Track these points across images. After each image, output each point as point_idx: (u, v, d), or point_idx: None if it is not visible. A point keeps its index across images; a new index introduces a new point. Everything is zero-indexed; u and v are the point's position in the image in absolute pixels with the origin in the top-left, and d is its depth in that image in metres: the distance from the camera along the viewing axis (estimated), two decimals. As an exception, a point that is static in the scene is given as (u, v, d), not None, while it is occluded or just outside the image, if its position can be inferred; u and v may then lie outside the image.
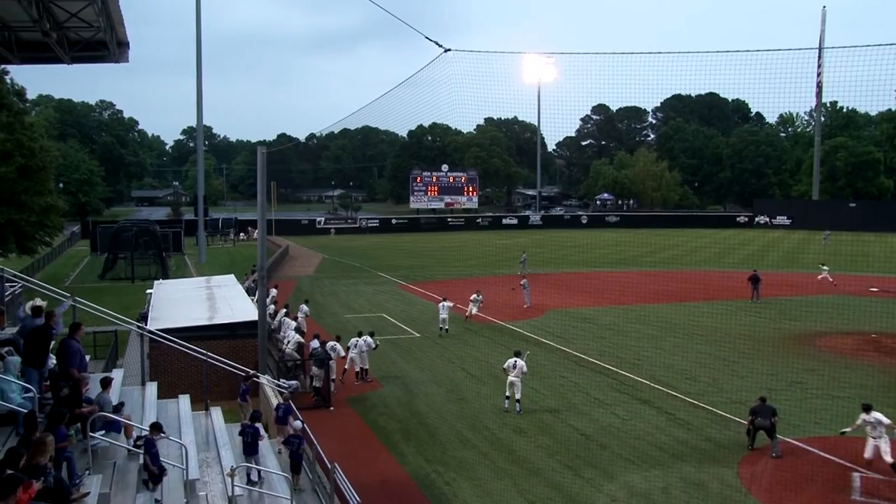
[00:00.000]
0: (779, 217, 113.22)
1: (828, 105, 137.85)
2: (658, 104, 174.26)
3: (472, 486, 16.86)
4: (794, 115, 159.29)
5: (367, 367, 26.23)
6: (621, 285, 50.07)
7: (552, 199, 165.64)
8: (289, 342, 26.47)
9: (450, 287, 47.55)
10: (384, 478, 17.38)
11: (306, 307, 32.96)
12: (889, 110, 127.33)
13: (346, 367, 26.05)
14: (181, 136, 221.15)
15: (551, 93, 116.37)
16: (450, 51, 14.62)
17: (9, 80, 50.82)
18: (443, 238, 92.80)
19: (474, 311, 36.39)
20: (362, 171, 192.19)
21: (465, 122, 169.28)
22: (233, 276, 38.00)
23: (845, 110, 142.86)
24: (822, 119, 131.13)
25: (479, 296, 36.83)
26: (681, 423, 21.29)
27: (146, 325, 23.27)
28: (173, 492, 12.20)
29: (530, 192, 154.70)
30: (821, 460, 18.41)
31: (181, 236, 76.84)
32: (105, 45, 15.57)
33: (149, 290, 34.07)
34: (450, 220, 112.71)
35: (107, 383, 13.35)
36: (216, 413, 17.23)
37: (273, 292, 34.91)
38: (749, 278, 44.45)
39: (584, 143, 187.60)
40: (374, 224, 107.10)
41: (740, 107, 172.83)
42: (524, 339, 32.34)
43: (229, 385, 21.12)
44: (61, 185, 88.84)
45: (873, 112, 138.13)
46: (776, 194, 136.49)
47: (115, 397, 13.74)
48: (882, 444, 16.95)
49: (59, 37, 14.92)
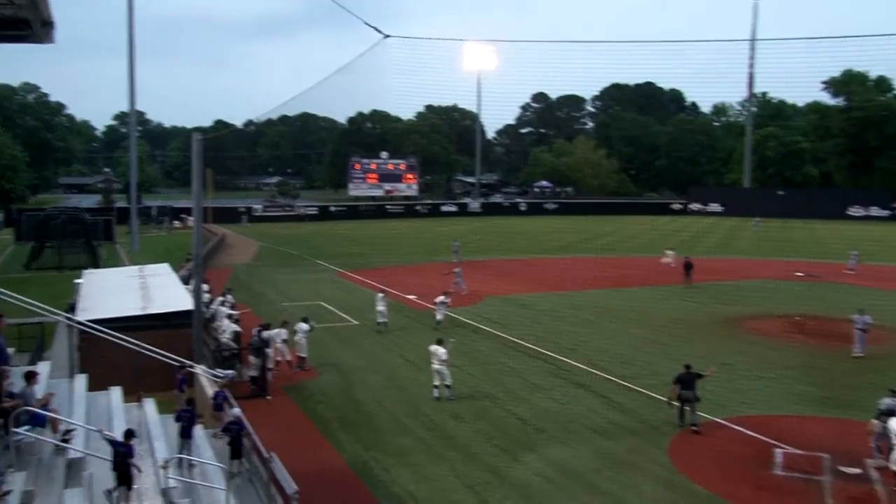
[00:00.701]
0: (712, 204, 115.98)
1: (759, 95, 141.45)
2: (597, 92, 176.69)
3: (410, 471, 16.95)
4: (728, 104, 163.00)
5: (306, 356, 26.08)
6: (559, 272, 50.80)
7: (492, 186, 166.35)
8: (224, 331, 26.12)
9: (389, 275, 47.51)
10: (322, 466, 17.35)
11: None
12: (815, 101, 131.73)
13: (282, 358, 25.69)
14: (113, 122, 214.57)
15: (491, 80, 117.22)
16: (389, 37, 14.62)
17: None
18: (382, 226, 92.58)
19: (441, 316, 32.13)
20: (301, 157, 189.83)
21: (405, 109, 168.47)
22: (167, 264, 37.26)
23: (775, 101, 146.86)
24: (754, 109, 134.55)
25: (446, 298, 32.70)
26: (615, 406, 21.74)
27: (75, 315, 22.66)
28: (104, 484, 11.97)
29: (470, 180, 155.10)
30: (747, 438, 19.02)
31: (113, 224, 74.68)
32: (27, 23, 14.94)
33: (78, 280, 33.08)
34: (389, 207, 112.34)
35: (31, 377, 13.00)
36: (149, 404, 16.93)
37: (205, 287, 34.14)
38: (683, 264, 45.51)
39: (523, 131, 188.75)
40: (313, 212, 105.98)
41: (676, 96, 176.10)
42: (463, 326, 32.54)
43: (164, 376, 20.71)
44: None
45: (800, 103, 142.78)
46: (710, 182, 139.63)
47: (41, 391, 13.39)
48: None
49: (-27, 14, 14.24)
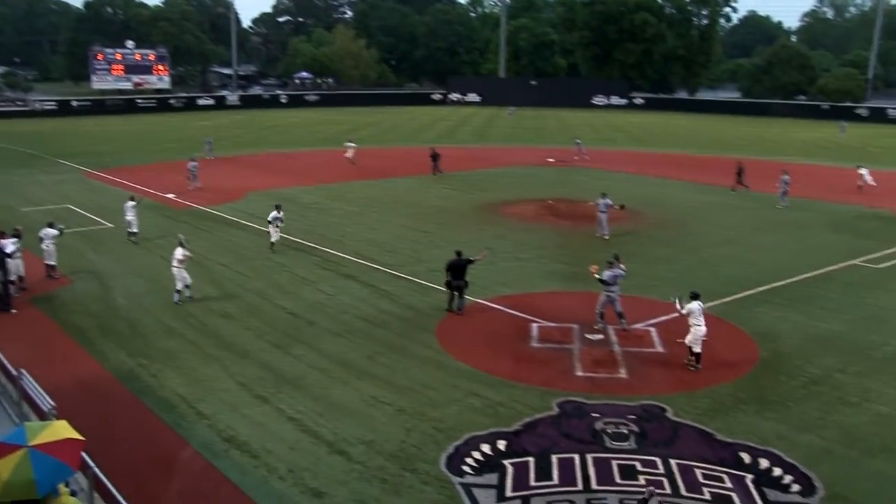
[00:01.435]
0: (470, 94, 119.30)
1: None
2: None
3: (180, 374, 16.49)
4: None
5: (55, 263, 24.01)
6: (322, 164, 50.42)
7: (250, 78, 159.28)
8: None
9: (144, 173, 44.71)
10: (82, 378, 16.36)
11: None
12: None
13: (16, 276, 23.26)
14: None
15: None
16: None
17: None
18: (133, 121, 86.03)
19: (276, 238, 27.31)
20: (30, 45, 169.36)
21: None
22: None
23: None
24: (507, 1, 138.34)
25: (279, 212, 27.38)
26: (384, 294, 22.35)
27: None
28: None
29: (226, 72, 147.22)
30: (507, 316, 20.43)
31: None
32: None
33: None
34: (140, 101, 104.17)
35: None
36: None
37: None
38: (430, 155, 46.29)
39: (281, 20, 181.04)
40: (51, 107, 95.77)
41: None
42: (226, 223, 31.59)
43: None
44: None
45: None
46: (468, 72, 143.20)
47: None
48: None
49: None
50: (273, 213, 27.16)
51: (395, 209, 35.16)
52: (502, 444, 13.42)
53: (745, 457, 13.09)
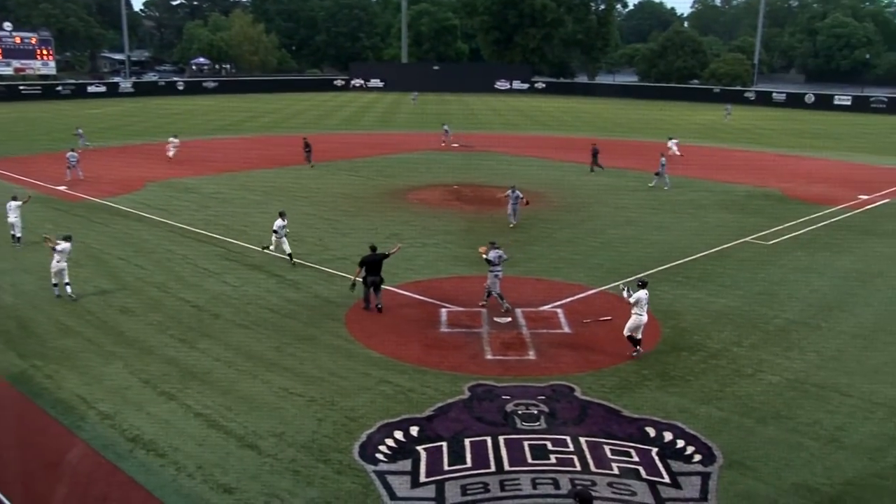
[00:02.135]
0: (373, 80, 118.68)
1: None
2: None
3: (79, 374, 15.83)
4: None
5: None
6: (224, 153, 49.25)
7: (144, 64, 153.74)
8: None
9: (29, 165, 42.63)
10: (-31, 382, 15.53)
11: None
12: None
13: None
14: None
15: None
16: None
17: None
18: (17, 109, 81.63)
19: (277, 247, 24.10)
20: None
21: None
22: None
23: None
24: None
25: (283, 220, 23.98)
26: (290, 284, 22.03)
27: None
28: None
29: (118, 57, 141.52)
30: (416, 302, 20.47)
31: None
32: None
33: None
34: (23, 88, 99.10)
35: None
36: None
37: None
38: (303, 145, 44.52)
39: (175, 3, 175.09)
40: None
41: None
42: (124, 216, 30.46)
43: None
44: None
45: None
46: (369, 57, 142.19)
47: None
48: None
49: None
50: (278, 221, 23.90)
51: (300, 197, 34.66)
52: (415, 431, 13.47)
53: (650, 431, 13.56)
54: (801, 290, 22.04)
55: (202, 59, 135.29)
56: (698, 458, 12.72)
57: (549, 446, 12.99)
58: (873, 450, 13.14)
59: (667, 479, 12.07)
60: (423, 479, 12.04)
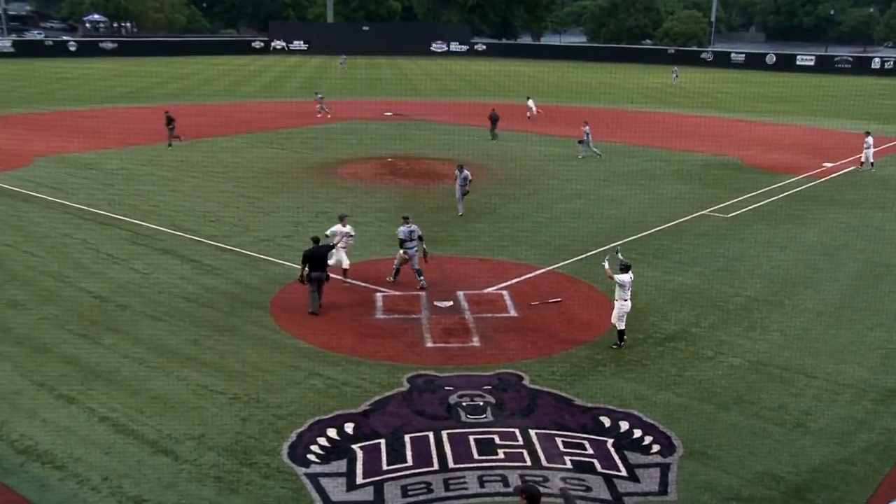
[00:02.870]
0: (296, 42, 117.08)
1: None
2: None
3: (-37, 378, 15.33)
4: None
5: None
6: (127, 123, 48.06)
7: (24, 19, 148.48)
8: None
9: None
10: None
11: None
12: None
13: None
14: None
15: None
16: None
17: None
18: None
19: (346, 263, 20.48)
20: None
21: None
22: None
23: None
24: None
25: (344, 226, 20.72)
26: (208, 270, 21.68)
27: None
28: None
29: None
30: (348, 287, 20.35)
31: None
32: None
33: None
34: None
35: None
36: None
37: None
38: (165, 118, 41.35)
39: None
40: None
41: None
42: (8, 195, 29.53)
43: None
44: None
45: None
46: (291, 16, 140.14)
47: None
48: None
49: None
50: (337, 226, 20.83)
51: (216, 172, 34.09)
52: (350, 427, 13.43)
53: (605, 421, 13.77)
54: (763, 266, 22.64)
55: (97, 16, 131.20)
56: (657, 448, 12.97)
57: (497, 440, 13.09)
58: (840, 434, 13.59)
59: (624, 472, 12.28)
60: (359, 480, 12.02)
